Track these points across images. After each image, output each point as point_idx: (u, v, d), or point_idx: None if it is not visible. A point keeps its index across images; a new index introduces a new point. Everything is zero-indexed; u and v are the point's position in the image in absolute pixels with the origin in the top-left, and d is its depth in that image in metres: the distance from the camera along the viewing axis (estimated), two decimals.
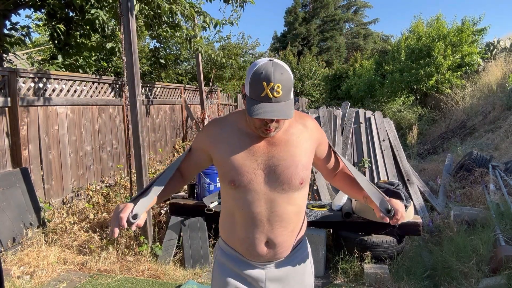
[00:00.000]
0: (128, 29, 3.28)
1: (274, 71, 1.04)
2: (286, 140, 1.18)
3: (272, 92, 1.03)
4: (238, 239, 1.23)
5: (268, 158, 1.17)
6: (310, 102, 18.54)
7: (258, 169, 1.16)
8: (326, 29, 29.56)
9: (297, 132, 1.21)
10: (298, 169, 1.17)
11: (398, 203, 1.18)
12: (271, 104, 1.04)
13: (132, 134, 3.42)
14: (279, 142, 1.18)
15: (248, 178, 1.16)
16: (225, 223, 1.29)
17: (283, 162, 1.16)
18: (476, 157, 4.99)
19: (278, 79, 1.04)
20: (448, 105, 10.37)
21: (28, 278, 2.92)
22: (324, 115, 5.11)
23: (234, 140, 1.19)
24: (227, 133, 1.21)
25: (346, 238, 3.12)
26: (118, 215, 1.05)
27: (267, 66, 1.05)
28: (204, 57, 10.33)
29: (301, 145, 1.20)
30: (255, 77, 1.05)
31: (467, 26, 10.84)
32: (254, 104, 1.05)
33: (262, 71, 1.04)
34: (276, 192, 1.17)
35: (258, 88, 1.04)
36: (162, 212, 3.92)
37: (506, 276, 2.42)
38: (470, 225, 3.39)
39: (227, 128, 1.22)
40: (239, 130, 1.20)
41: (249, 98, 1.07)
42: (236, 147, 1.17)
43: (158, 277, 3.03)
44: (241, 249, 1.24)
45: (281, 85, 1.04)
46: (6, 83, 3.67)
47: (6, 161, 3.68)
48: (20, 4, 4.45)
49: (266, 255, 1.22)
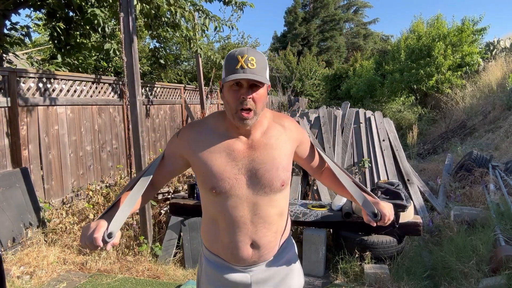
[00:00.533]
0: (128, 29, 3.27)
1: (248, 49, 1.10)
2: (265, 143, 1.18)
3: (246, 63, 1.06)
4: (222, 244, 1.22)
5: (249, 162, 1.16)
6: (310, 102, 18.53)
7: (239, 174, 1.15)
8: (326, 29, 29.57)
9: (276, 134, 1.21)
10: (279, 172, 1.17)
11: (386, 206, 1.17)
12: (246, 74, 1.06)
13: (132, 134, 3.42)
14: (258, 145, 1.17)
15: (229, 184, 1.14)
16: (207, 230, 1.26)
17: (263, 166, 1.15)
18: (476, 157, 4.98)
19: (251, 53, 1.08)
20: (448, 105, 10.37)
21: (28, 278, 2.92)
22: (324, 115, 5.11)
23: (213, 145, 1.16)
24: (205, 138, 1.18)
25: (346, 238, 3.12)
26: (91, 235, 0.96)
27: (241, 48, 1.12)
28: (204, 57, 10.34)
29: (281, 147, 1.20)
30: (230, 56, 1.10)
31: (467, 26, 10.85)
32: (231, 76, 1.06)
33: (237, 50, 1.10)
34: (258, 195, 1.16)
35: (233, 62, 1.07)
36: (162, 212, 3.92)
37: (506, 276, 2.41)
38: (470, 225, 3.38)
39: (206, 133, 1.19)
40: (219, 134, 1.18)
41: (224, 76, 1.09)
42: (216, 152, 1.15)
43: (158, 277, 3.03)
44: (226, 255, 1.22)
45: (255, 58, 1.07)
46: (6, 83, 3.67)
47: (6, 161, 3.68)
48: (20, 3, 4.45)
49: (251, 257, 1.21)
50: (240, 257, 1.20)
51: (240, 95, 1.08)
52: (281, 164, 1.18)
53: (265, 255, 1.23)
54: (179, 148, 1.22)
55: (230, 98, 1.10)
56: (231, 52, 1.11)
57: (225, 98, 1.13)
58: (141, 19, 5.30)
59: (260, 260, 1.23)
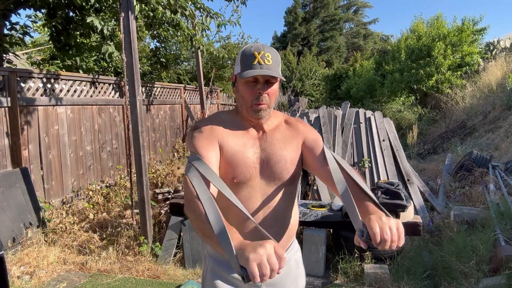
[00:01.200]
0: (128, 29, 3.28)
1: (263, 45, 1.13)
2: (274, 136, 1.21)
3: (263, 59, 1.10)
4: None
5: (261, 151, 1.18)
6: (310, 102, 18.53)
7: (257, 163, 1.17)
8: (326, 29, 29.55)
9: (283, 130, 1.24)
10: (288, 164, 1.18)
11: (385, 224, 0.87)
12: (263, 70, 1.09)
13: (132, 134, 3.42)
14: (267, 138, 1.20)
15: (250, 173, 1.15)
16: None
17: (273, 157, 1.17)
18: (476, 157, 4.98)
19: (267, 50, 1.12)
20: (448, 105, 10.37)
21: (28, 278, 2.92)
22: (324, 115, 5.11)
23: (232, 134, 1.17)
24: (224, 127, 1.18)
25: (346, 238, 3.12)
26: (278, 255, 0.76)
27: (255, 43, 1.15)
28: (204, 57, 10.33)
29: (288, 142, 1.22)
30: (246, 52, 1.12)
31: (467, 26, 10.84)
32: (248, 71, 1.09)
33: (252, 46, 1.13)
34: (270, 187, 1.17)
35: (250, 59, 1.10)
36: (162, 212, 3.92)
37: (506, 276, 2.41)
38: (470, 225, 3.38)
39: (222, 123, 1.19)
40: (234, 124, 1.19)
41: (241, 71, 1.11)
42: (237, 140, 1.16)
43: (158, 277, 3.03)
44: None
45: (270, 55, 1.11)
46: (6, 83, 3.67)
47: (6, 161, 3.68)
48: (20, 3, 4.44)
49: None
50: None
51: (257, 90, 1.12)
52: (289, 157, 1.19)
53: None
54: (212, 135, 1.14)
55: (246, 93, 1.13)
56: (247, 48, 1.13)
57: (240, 93, 1.16)
58: (141, 19, 5.30)
59: None
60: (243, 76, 1.10)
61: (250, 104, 1.13)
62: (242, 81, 1.13)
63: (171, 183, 4.81)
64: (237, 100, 1.19)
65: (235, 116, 1.22)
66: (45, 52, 8.05)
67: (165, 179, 4.89)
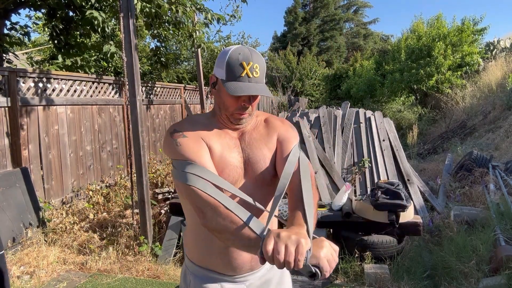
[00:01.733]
0: (128, 29, 3.27)
1: (251, 53, 1.05)
2: (252, 136, 1.16)
3: (251, 72, 1.03)
4: (216, 253, 1.11)
5: (243, 152, 1.13)
6: (310, 102, 18.53)
7: (241, 163, 1.11)
8: (326, 29, 29.55)
9: (262, 129, 1.18)
10: (267, 164, 1.14)
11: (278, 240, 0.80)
12: (251, 84, 1.03)
13: (132, 134, 3.42)
14: (245, 138, 1.15)
15: (237, 175, 1.09)
16: (196, 241, 1.15)
17: (253, 157, 1.13)
18: (476, 157, 4.98)
19: (256, 60, 1.05)
20: (448, 105, 10.37)
21: (28, 278, 2.92)
22: (324, 115, 5.10)
23: (214, 137, 1.10)
24: (205, 131, 1.10)
25: (346, 238, 3.12)
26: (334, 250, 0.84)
27: (243, 48, 1.05)
28: (204, 56, 10.34)
29: (266, 141, 1.16)
30: (233, 59, 1.03)
31: (467, 26, 10.85)
32: (235, 84, 1.02)
33: (240, 52, 1.04)
34: (253, 189, 1.12)
35: (237, 69, 1.03)
36: (162, 212, 3.92)
37: (506, 276, 2.41)
38: (470, 225, 3.38)
39: (202, 127, 1.11)
40: (210, 125, 1.13)
41: (227, 80, 1.04)
42: (216, 142, 1.09)
43: (158, 277, 3.03)
44: (220, 265, 1.13)
45: (258, 65, 1.05)
46: (6, 83, 3.67)
47: (6, 161, 3.68)
48: (20, 3, 4.44)
49: (250, 262, 1.13)
50: (238, 263, 1.11)
51: (241, 102, 1.06)
52: (267, 156, 1.14)
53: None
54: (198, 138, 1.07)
55: (229, 102, 1.07)
56: (233, 53, 1.04)
57: (222, 99, 1.08)
58: (141, 18, 5.30)
59: (257, 265, 1.15)
60: (230, 90, 1.01)
61: (232, 112, 1.08)
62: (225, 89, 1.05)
63: (171, 183, 4.81)
64: (217, 102, 1.12)
65: (211, 118, 1.16)
66: (45, 52, 8.05)
67: (165, 179, 4.89)
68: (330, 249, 0.83)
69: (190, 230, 1.18)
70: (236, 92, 1.01)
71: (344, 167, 4.60)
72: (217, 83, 1.09)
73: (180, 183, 1.01)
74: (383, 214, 3.02)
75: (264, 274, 1.19)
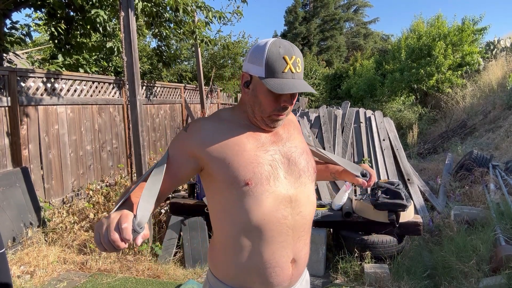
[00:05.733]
0: (128, 28, 3.27)
1: (292, 46, 0.95)
2: (287, 132, 1.08)
3: (295, 67, 0.93)
4: (254, 270, 0.97)
5: (280, 147, 1.02)
6: (310, 101, 18.52)
7: (274, 161, 0.98)
8: (326, 29, 29.54)
9: (288, 125, 1.12)
10: (309, 155, 1.08)
11: (368, 167, 1.26)
12: (295, 80, 0.93)
13: (132, 134, 3.42)
14: (282, 135, 1.06)
15: (267, 172, 0.95)
16: (228, 257, 0.99)
17: (295, 149, 1.03)
18: (477, 157, 4.98)
19: (297, 53, 0.95)
20: (448, 105, 10.37)
21: (28, 278, 2.93)
22: (324, 114, 5.10)
23: (236, 134, 0.98)
24: (225, 128, 0.99)
25: (346, 237, 3.12)
26: (116, 227, 0.70)
27: (281, 41, 0.95)
28: (204, 56, 10.33)
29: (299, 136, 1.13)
30: (274, 53, 0.92)
31: (467, 25, 10.84)
32: (278, 81, 0.91)
33: (280, 46, 0.93)
34: (296, 188, 0.99)
35: (279, 64, 0.92)
36: (162, 212, 3.92)
37: (506, 275, 2.41)
38: (470, 224, 3.38)
39: (223, 123, 1.01)
40: (239, 124, 1.01)
41: (266, 78, 0.93)
42: (242, 140, 0.97)
43: (158, 276, 3.03)
44: (257, 283, 0.97)
45: (300, 59, 0.95)
46: (6, 83, 3.67)
47: (6, 160, 3.68)
48: (20, 3, 4.44)
49: (291, 277, 1.00)
50: (278, 280, 0.97)
51: (283, 101, 0.96)
52: (307, 148, 1.10)
53: (301, 273, 1.04)
54: (191, 145, 0.97)
55: (268, 102, 0.96)
56: (273, 46, 0.93)
57: (258, 98, 0.97)
58: (142, 18, 5.29)
59: (295, 280, 1.03)
60: (274, 88, 0.90)
61: (269, 113, 0.97)
62: (265, 88, 0.94)
63: None
64: (250, 104, 1.00)
65: (240, 114, 1.04)
66: (45, 52, 8.05)
67: None
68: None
69: (222, 243, 1.02)
70: (281, 89, 0.90)
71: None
72: (252, 81, 0.98)
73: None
74: (383, 214, 3.02)
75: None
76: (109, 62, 8.57)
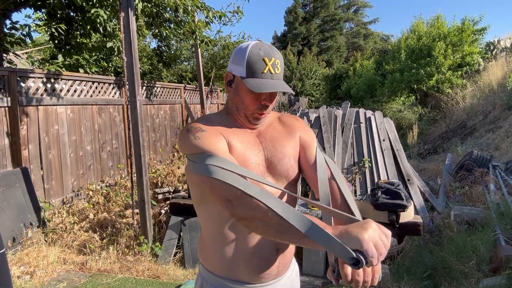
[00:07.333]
0: (128, 28, 3.27)
1: (271, 48, 1.02)
2: (270, 134, 1.12)
3: (274, 68, 1.00)
4: (241, 260, 1.04)
5: (263, 149, 1.08)
6: (310, 102, 18.52)
7: (261, 163, 1.06)
8: (326, 29, 29.55)
9: (278, 127, 1.15)
10: (291, 161, 1.10)
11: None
12: (274, 81, 1.00)
13: (132, 134, 3.42)
14: (265, 136, 1.11)
15: (258, 171, 1.04)
16: (217, 249, 1.06)
17: (276, 154, 1.08)
18: (477, 157, 4.98)
19: (277, 55, 1.02)
20: (448, 105, 10.37)
21: (28, 278, 2.92)
22: (324, 115, 5.10)
23: (234, 134, 1.05)
24: (224, 128, 1.06)
25: None
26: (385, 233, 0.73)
27: (262, 44, 1.02)
28: (204, 56, 10.33)
29: (285, 138, 1.13)
30: (254, 55, 0.99)
31: (467, 26, 10.84)
32: (257, 81, 0.98)
33: (260, 48, 1.00)
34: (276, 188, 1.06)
35: (259, 65, 0.99)
36: (162, 212, 3.92)
37: (507, 276, 2.41)
38: (470, 225, 3.38)
39: (217, 124, 1.06)
40: (226, 124, 1.07)
41: (247, 77, 1.00)
42: (239, 141, 1.04)
43: (158, 277, 3.03)
44: (246, 273, 1.04)
45: (279, 61, 1.02)
46: (6, 83, 3.67)
47: (6, 160, 3.68)
48: (21, 3, 4.44)
49: (277, 267, 1.08)
50: (265, 269, 1.05)
51: (263, 100, 1.03)
52: (291, 154, 1.11)
53: (287, 263, 1.12)
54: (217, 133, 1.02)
55: (249, 100, 1.03)
56: (254, 48, 1.00)
57: (240, 97, 1.04)
58: (142, 18, 5.29)
59: (283, 270, 1.11)
60: (252, 87, 0.97)
61: (252, 112, 1.04)
62: (246, 87, 1.01)
63: (171, 183, 4.81)
64: (233, 102, 1.07)
65: (226, 116, 1.11)
66: (45, 52, 8.05)
67: (165, 179, 4.89)
68: (378, 231, 0.72)
69: (209, 237, 1.09)
70: (260, 89, 0.97)
71: (344, 167, 4.60)
72: (234, 81, 1.05)
73: (200, 177, 0.93)
74: (383, 214, 3.01)
75: (286, 280, 1.15)
76: (109, 62, 8.57)
